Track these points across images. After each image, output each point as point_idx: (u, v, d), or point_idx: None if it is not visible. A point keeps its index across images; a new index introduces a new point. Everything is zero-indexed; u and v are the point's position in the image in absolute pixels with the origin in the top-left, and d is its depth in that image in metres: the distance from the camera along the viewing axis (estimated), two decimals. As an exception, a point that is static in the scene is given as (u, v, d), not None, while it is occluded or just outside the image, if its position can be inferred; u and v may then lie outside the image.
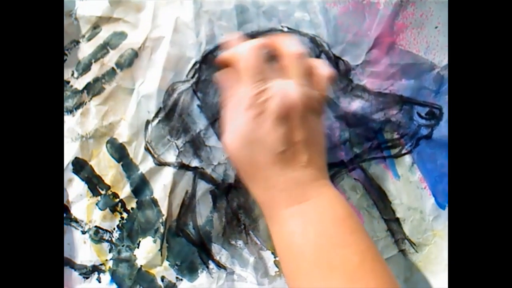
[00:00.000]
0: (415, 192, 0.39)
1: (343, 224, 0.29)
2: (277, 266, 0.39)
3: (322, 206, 0.30)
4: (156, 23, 0.37)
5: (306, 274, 0.28)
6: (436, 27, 0.37)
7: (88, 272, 0.39)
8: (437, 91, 0.38)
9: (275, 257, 0.39)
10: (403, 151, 0.38)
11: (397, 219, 0.39)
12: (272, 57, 0.32)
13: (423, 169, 0.38)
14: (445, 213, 0.39)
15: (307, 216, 0.29)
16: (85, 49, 0.38)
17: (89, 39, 0.38)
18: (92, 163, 0.39)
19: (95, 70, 0.38)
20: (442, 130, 0.38)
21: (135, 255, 0.39)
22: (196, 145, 0.38)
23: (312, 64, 0.32)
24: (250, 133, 0.29)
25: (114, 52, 0.38)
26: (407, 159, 0.38)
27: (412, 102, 0.38)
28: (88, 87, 0.38)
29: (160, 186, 0.38)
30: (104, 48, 0.38)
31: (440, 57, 0.37)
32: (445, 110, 0.38)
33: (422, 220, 0.39)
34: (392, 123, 0.38)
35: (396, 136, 0.38)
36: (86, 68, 0.38)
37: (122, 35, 0.38)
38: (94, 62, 0.38)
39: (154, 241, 0.39)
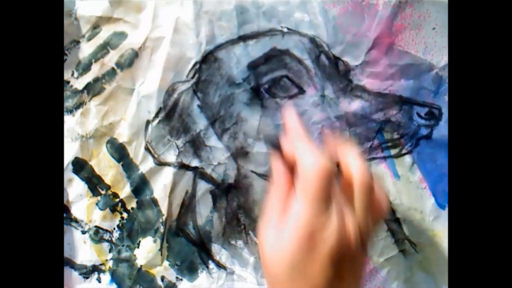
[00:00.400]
0: (415, 192, 0.39)
1: None
2: (277, 266, 0.39)
3: None
4: (157, 23, 0.37)
5: None
6: (433, 28, 0.37)
7: (88, 272, 0.39)
8: (436, 92, 0.38)
9: (275, 257, 0.39)
10: (403, 151, 0.39)
11: (397, 219, 0.39)
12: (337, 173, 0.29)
13: (423, 169, 0.39)
14: (445, 213, 0.39)
15: None
16: (85, 49, 0.38)
17: (89, 39, 0.38)
18: (92, 163, 0.39)
19: (95, 70, 0.38)
20: (441, 130, 0.38)
21: (135, 255, 0.39)
22: (196, 145, 0.38)
23: (375, 194, 0.29)
24: (299, 263, 0.26)
25: (114, 52, 0.38)
26: (407, 159, 0.39)
27: (411, 102, 0.38)
28: (88, 87, 0.38)
29: (160, 186, 0.38)
30: (104, 48, 0.38)
31: (438, 58, 0.37)
32: (444, 110, 0.38)
33: (422, 220, 0.39)
34: (392, 123, 0.38)
35: (396, 136, 0.38)
36: (86, 68, 0.38)
37: (122, 35, 0.38)
38: (94, 62, 0.38)
39: (154, 241, 0.39)
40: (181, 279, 0.39)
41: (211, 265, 0.39)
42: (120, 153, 0.39)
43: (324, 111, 0.38)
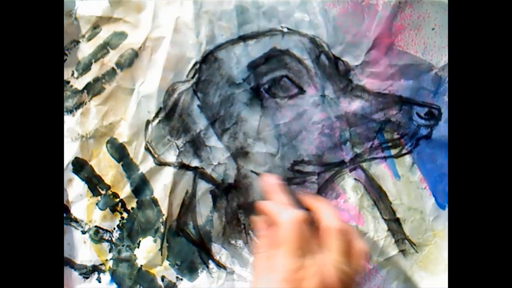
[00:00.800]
0: (415, 192, 0.39)
1: None
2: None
3: None
4: (157, 23, 0.37)
5: None
6: (433, 29, 0.37)
7: (88, 272, 0.39)
8: (436, 92, 0.38)
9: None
10: (403, 151, 0.39)
11: (397, 219, 0.39)
12: (311, 222, 0.32)
13: (423, 169, 0.39)
14: (445, 213, 0.39)
15: None
16: (85, 49, 0.38)
17: (89, 39, 0.38)
18: (92, 163, 0.39)
19: (95, 70, 0.38)
20: (441, 130, 0.38)
21: (135, 255, 0.39)
22: (196, 145, 0.38)
23: (351, 238, 0.32)
24: None
25: (114, 52, 0.38)
26: (407, 159, 0.39)
27: (411, 102, 0.38)
28: (88, 87, 0.38)
29: (161, 186, 0.38)
30: (104, 48, 0.38)
31: (437, 58, 0.37)
32: (444, 111, 0.38)
33: (422, 220, 0.39)
34: (392, 123, 0.38)
35: (396, 136, 0.38)
36: (86, 68, 0.38)
37: (122, 35, 0.38)
38: (94, 62, 0.38)
39: (155, 241, 0.39)
40: (181, 279, 0.39)
41: (211, 264, 0.39)
42: (120, 153, 0.38)
43: (324, 111, 0.38)
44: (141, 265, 0.39)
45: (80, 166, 0.39)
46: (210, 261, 0.39)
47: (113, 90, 0.38)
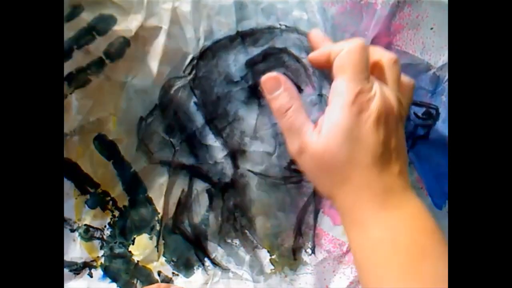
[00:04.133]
0: (412, 192, 0.39)
1: (433, 236, 0.29)
2: (273, 265, 0.39)
3: (413, 216, 0.29)
4: (151, 10, 0.35)
5: (392, 282, 0.27)
6: (431, 28, 0.37)
7: (78, 268, 0.37)
8: (433, 92, 0.38)
9: (271, 256, 0.39)
10: (401, 151, 0.39)
11: (395, 220, 0.39)
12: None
13: (420, 169, 0.39)
14: (441, 213, 0.39)
15: (397, 224, 0.28)
16: (63, 31, 0.33)
17: (68, 19, 0.33)
18: (79, 161, 0.37)
19: (78, 59, 0.34)
20: (439, 130, 0.38)
21: (130, 252, 0.38)
22: (193, 143, 0.38)
23: (400, 72, 0.32)
24: (353, 130, 0.28)
25: (101, 39, 0.34)
26: (404, 159, 0.39)
27: (409, 102, 0.38)
28: (69, 77, 0.34)
29: (156, 185, 0.37)
30: (89, 33, 0.33)
31: (436, 58, 0.37)
32: (441, 111, 0.38)
33: (419, 220, 0.39)
34: (389, 122, 0.38)
35: (393, 136, 0.38)
36: (66, 54, 0.33)
37: (110, 20, 0.34)
38: (77, 48, 0.33)
39: (150, 238, 0.38)
40: (178, 275, 0.38)
41: (207, 262, 0.39)
42: (109, 151, 0.37)
43: (321, 110, 0.38)
44: (138, 261, 0.38)
45: (65, 165, 0.36)
46: (205, 259, 0.38)
47: (100, 82, 0.35)
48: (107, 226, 0.38)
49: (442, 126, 0.38)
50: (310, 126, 0.30)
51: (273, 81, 0.31)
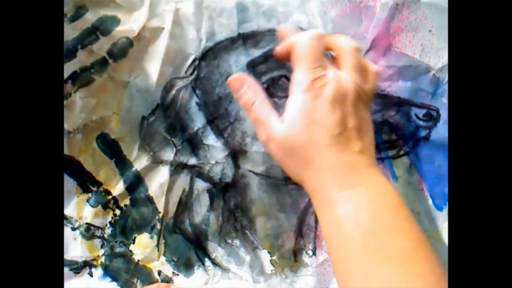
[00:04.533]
0: (412, 193, 0.39)
1: (396, 211, 0.29)
2: (273, 265, 0.38)
3: (375, 192, 0.30)
4: (154, 11, 0.35)
5: (357, 259, 0.28)
6: (430, 31, 0.37)
7: (79, 267, 0.37)
8: (434, 93, 0.38)
9: (271, 256, 0.38)
10: (401, 153, 0.39)
11: (396, 221, 0.39)
12: (326, 49, 0.33)
13: (421, 170, 0.38)
14: (441, 215, 0.38)
15: (359, 201, 0.29)
16: (68, 31, 0.34)
17: (72, 20, 0.34)
18: (81, 159, 0.37)
19: (83, 58, 0.35)
20: (439, 131, 0.38)
21: (131, 251, 0.37)
22: (194, 143, 0.38)
23: (363, 60, 0.33)
24: (310, 113, 0.30)
25: (105, 39, 0.35)
26: (405, 160, 0.39)
27: (409, 103, 0.38)
28: (73, 76, 0.35)
29: (157, 184, 0.37)
30: (93, 34, 0.34)
31: (435, 60, 0.38)
32: (442, 112, 0.38)
33: (419, 221, 0.39)
34: (390, 124, 0.38)
35: (394, 137, 0.38)
36: (71, 54, 0.34)
37: (114, 20, 0.34)
38: (81, 48, 0.34)
39: (151, 237, 0.38)
40: (178, 274, 0.38)
41: (207, 262, 0.38)
42: (112, 149, 0.37)
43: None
44: (138, 260, 0.37)
45: (67, 162, 0.36)
46: (206, 259, 0.38)
47: (104, 81, 0.35)
48: (108, 225, 0.38)
49: (443, 128, 0.38)
50: (274, 116, 0.32)
51: (237, 81, 0.33)
